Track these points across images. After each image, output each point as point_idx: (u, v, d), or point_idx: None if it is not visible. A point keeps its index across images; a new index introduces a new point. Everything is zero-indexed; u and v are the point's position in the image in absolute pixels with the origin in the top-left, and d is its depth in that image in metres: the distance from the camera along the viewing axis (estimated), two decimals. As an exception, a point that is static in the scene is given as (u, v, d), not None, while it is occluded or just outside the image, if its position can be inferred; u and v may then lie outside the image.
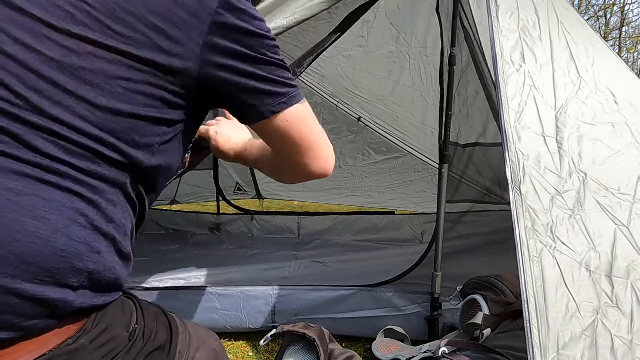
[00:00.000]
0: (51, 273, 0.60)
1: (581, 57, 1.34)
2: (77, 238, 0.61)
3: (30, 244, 0.58)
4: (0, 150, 0.56)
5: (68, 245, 0.60)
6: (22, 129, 0.57)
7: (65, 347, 0.63)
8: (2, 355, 0.59)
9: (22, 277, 0.58)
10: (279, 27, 1.57)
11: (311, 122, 0.82)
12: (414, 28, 2.46)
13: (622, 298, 0.90)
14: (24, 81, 0.57)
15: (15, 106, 0.57)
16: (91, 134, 0.60)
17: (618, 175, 1.08)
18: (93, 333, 0.66)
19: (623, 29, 11.07)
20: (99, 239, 0.64)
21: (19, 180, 0.58)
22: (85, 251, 0.62)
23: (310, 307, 1.92)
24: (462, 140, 2.12)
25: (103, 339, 0.68)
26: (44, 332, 0.62)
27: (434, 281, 1.80)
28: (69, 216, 0.61)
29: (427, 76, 2.61)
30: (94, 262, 0.64)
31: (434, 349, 1.53)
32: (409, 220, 3.18)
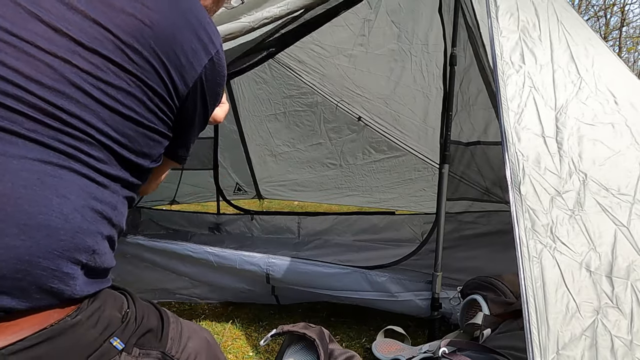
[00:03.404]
0: (67, 247, 0.68)
1: (581, 57, 1.34)
2: (90, 218, 0.71)
3: (55, 219, 0.67)
4: (35, 139, 0.67)
5: (83, 223, 0.70)
6: (54, 123, 0.68)
7: (64, 322, 0.70)
8: (7, 326, 0.66)
9: (44, 248, 0.66)
10: (271, 15, 1.58)
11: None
12: (416, 26, 2.46)
13: (622, 298, 0.90)
14: (58, 87, 0.69)
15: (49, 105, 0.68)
16: (109, 135, 0.72)
17: (618, 175, 1.08)
18: (89, 310, 0.74)
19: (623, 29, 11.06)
20: (104, 223, 0.74)
21: (47, 165, 0.68)
22: (94, 231, 0.72)
23: (305, 279, 1.95)
24: (464, 139, 2.12)
25: (97, 316, 0.76)
26: (48, 308, 0.69)
27: (434, 281, 1.81)
28: (84, 198, 0.71)
29: (428, 74, 2.61)
30: (98, 242, 0.73)
31: (434, 349, 1.53)
32: (409, 220, 3.19)
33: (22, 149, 0.67)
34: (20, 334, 0.66)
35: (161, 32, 0.74)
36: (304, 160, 3.53)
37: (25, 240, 0.65)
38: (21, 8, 0.68)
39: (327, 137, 3.37)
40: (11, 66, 0.66)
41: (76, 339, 0.73)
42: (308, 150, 3.46)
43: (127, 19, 0.71)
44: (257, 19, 1.56)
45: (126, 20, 0.71)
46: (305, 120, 3.37)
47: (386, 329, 1.82)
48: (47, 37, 0.68)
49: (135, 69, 0.72)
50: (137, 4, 0.72)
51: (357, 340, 1.89)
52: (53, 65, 0.68)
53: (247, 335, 1.92)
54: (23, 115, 0.67)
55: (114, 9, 0.71)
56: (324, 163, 3.48)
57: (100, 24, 0.70)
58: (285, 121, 3.44)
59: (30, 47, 0.68)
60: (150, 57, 0.73)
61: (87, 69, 0.70)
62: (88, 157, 0.71)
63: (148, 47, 0.73)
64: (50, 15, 0.69)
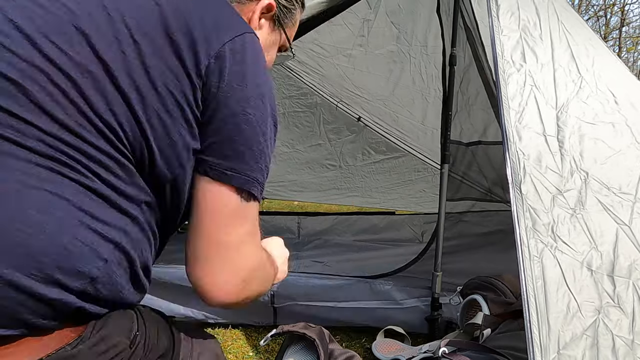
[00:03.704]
0: (51, 271, 0.59)
1: (581, 56, 1.34)
2: (83, 239, 0.61)
3: (34, 237, 0.58)
4: (19, 142, 0.59)
5: (72, 244, 0.60)
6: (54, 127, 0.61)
7: (62, 352, 0.62)
8: (2, 355, 0.59)
9: (22, 270, 0.57)
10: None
11: (228, 219, 0.73)
12: (415, 27, 2.46)
13: (623, 297, 0.90)
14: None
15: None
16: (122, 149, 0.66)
17: (619, 174, 1.08)
18: (92, 340, 0.65)
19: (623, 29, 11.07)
20: (109, 248, 0.64)
21: (32, 174, 0.59)
22: (89, 255, 0.62)
23: (308, 293, 1.93)
24: (464, 139, 2.12)
25: (104, 346, 0.67)
26: (43, 334, 0.61)
27: (434, 281, 1.80)
28: (77, 217, 0.61)
29: (427, 75, 2.61)
30: (99, 268, 0.63)
31: (434, 349, 1.53)
32: (409, 220, 3.18)
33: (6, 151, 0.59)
34: None
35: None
36: (303, 161, 3.52)
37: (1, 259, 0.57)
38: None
39: (327, 138, 3.36)
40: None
41: None
42: (307, 151, 3.45)
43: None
44: None
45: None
46: (305, 121, 3.36)
47: (386, 329, 1.82)
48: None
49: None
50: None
51: (357, 340, 1.88)
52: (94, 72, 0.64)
53: (247, 335, 1.92)
54: (12, 116, 0.59)
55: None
56: (323, 164, 3.47)
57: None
58: (285, 122, 3.43)
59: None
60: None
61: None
62: (88, 165, 0.62)
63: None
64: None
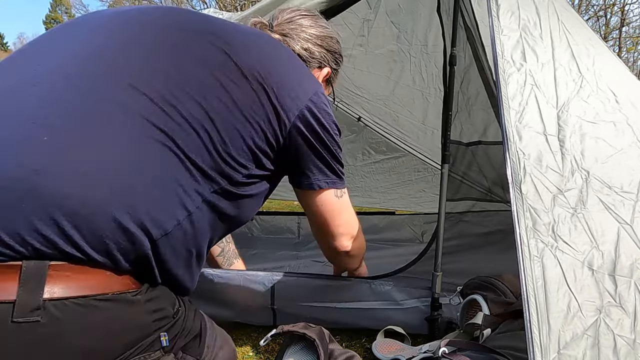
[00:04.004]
0: (141, 213, 0.76)
1: (582, 56, 1.34)
2: (170, 198, 0.81)
3: (140, 184, 0.76)
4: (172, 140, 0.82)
5: (162, 197, 0.79)
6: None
7: (124, 296, 0.75)
8: (76, 274, 0.70)
9: (123, 206, 0.74)
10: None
11: (339, 210, 1.25)
12: (415, 26, 2.46)
13: (625, 297, 0.90)
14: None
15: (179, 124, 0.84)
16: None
17: (621, 173, 1.07)
18: (147, 295, 0.79)
19: (623, 29, 11.08)
20: (184, 214, 0.83)
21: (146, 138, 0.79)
22: (169, 211, 0.80)
23: (308, 294, 1.92)
24: (464, 139, 2.12)
25: (154, 306, 0.80)
26: (115, 273, 0.75)
27: (434, 281, 1.80)
28: (171, 178, 0.81)
29: (427, 75, 2.61)
30: (172, 225, 0.80)
31: (434, 349, 1.53)
32: (409, 220, 3.18)
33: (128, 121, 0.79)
34: (83, 290, 0.70)
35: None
36: (303, 161, 3.52)
37: (108, 192, 0.73)
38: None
39: (327, 138, 3.36)
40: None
41: (132, 317, 0.76)
42: (307, 151, 3.46)
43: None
44: None
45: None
46: (305, 120, 3.36)
47: (386, 329, 1.82)
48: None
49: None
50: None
51: (357, 340, 1.88)
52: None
53: (247, 335, 1.92)
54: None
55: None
56: (323, 164, 3.47)
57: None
58: (285, 122, 3.43)
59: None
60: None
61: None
62: (183, 144, 0.82)
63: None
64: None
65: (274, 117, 0.95)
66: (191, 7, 19.01)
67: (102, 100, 0.79)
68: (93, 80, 0.81)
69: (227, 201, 0.91)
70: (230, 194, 0.92)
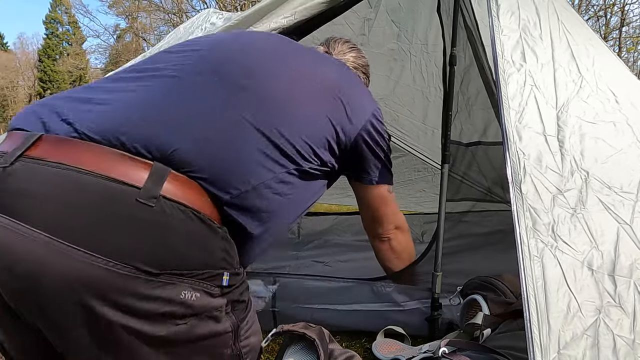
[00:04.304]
0: (237, 166, 0.99)
1: (582, 56, 1.34)
2: (255, 164, 1.03)
3: (240, 146, 1.01)
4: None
5: (248, 161, 1.02)
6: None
7: (212, 223, 0.92)
8: (189, 187, 0.92)
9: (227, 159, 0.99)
10: (278, 27, 1.57)
11: (390, 202, 1.56)
12: (415, 25, 2.45)
13: (624, 297, 0.90)
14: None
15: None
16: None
17: (620, 173, 1.08)
18: (225, 236, 0.95)
19: (623, 29, 11.08)
20: (260, 179, 1.03)
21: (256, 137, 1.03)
22: (246, 173, 1.01)
23: (309, 296, 1.92)
24: (464, 139, 2.11)
25: (227, 246, 0.95)
26: (213, 203, 0.96)
27: (434, 281, 1.80)
28: (259, 154, 1.03)
29: (428, 74, 2.61)
30: (246, 189, 1.01)
31: (434, 349, 1.53)
32: (409, 220, 3.15)
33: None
34: (187, 201, 0.89)
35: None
36: (303, 161, 3.52)
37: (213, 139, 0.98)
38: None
39: (327, 138, 3.36)
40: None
41: (211, 243, 0.92)
42: (308, 151, 3.46)
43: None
44: (264, 31, 1.56)
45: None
46: (305, 120, 3.36)
47: (386, 328, 1.82)
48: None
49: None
50: None
51: (357, 340, 1.88)
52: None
53: (246, 336, 1.92)
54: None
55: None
56: (323, 164, 3.47)
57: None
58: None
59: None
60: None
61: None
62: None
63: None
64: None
65: (347, 126, 1.21)
66: (191, 7, 18.98)
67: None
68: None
69: (299, 180, 1.11)
70: (304, 175, 1.12)
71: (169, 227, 0.85)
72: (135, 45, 27.72)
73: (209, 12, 2.20)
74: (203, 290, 0.88)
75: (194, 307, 0.87)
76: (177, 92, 1.02)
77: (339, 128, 1.19)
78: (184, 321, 0.87)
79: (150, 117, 0.95)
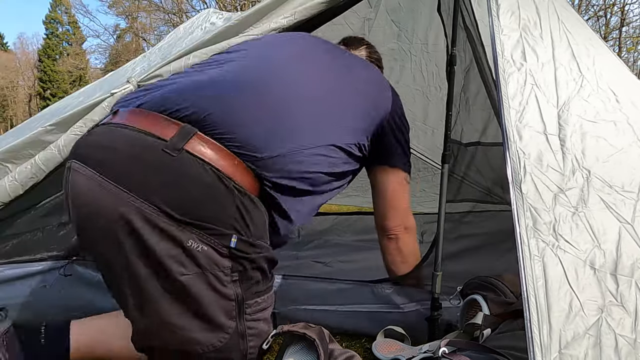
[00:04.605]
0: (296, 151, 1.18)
1: (582, 56, 1.34)
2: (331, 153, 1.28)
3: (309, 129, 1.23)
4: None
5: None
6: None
7: (230, 181, 1.04)
8: (211, 146, 1.06)
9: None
10: (278, 27, 1.57)
11: (406, 190, 1.73)
12: (415, 25, 2.45)
13: (626, 296, 0.90)
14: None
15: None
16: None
17: (622, 172, 1.07)
18: (242, 200, 1.06)
19: (623, 29, 11.08)
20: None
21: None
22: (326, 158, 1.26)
23: (309, 297, 1.92)
24: (464, 140, 2.11)
25: (243, 211, 1.05)
26: (238, 168, 1.08)
27: (434, 281, 1.80)
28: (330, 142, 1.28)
29: (428, 74, 2.61)
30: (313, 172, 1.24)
31: (434, 348, 1.52)
32: (409, 220, 3.16)
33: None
34: (205, 157, 1.03)
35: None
36: (303, 161, 3.51)
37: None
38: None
39: (327, 137, 3.35)
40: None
41: (224, 199, 1.02)
42: (308, 150, 3.45)
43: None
44: (264, 31, 1.56)
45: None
46: (305, 120, 3.35)
47: (386, 329, 1.81)
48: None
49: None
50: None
51: (357, 340, 1.88)
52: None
53: (246, 336, 1.91)
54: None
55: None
56: (323, 164, 3.46)
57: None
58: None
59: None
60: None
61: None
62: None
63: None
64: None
65: (378, 117, 1.45)
66: (191, 7, 18.98)
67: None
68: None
69: (337, 158, 1.30)
70: (343, 153, 1.31)
71: (186, 175, 1.00)
72: (135, 45, 27.73)
73: (209, 12, 2.20)
74: (210, 245, 0.99)
75: (198, 259, 0.98)
76: (230, 78, 1.22)
77: (379, 118, 1.45)
78: (189, 272, 0.98)
79: (195, 92, 1.15)
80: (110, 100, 1.50)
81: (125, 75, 1.70)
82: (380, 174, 1.63)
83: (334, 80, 1.36)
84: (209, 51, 1.53)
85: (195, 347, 1.03)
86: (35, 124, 1.73)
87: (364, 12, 2.47)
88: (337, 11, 1.73)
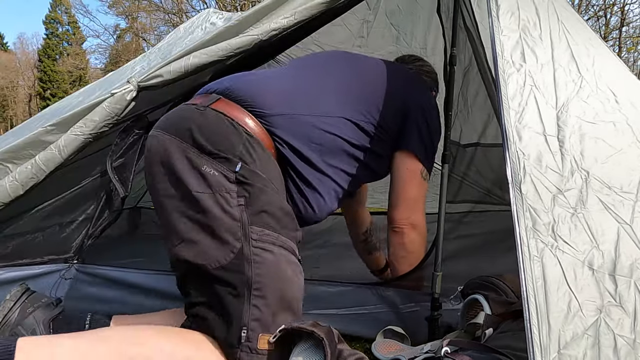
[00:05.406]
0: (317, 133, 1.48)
1: (582, 56, 1.34)
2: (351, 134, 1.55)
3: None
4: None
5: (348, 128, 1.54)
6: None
7: (242, 128, 1.37)
8: (233, 108, 1.41)
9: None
10: (279, 27, 1.57)
11: (420, 184, 1.77)
12: (414, 28, 2.45)
13: (625, 297, 0.90)
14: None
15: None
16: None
17: (620, 173, 1.08)
18: (251, 147, 1.35)
19: (623, 29, 11.08)
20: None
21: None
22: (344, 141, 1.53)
23: (310, 301, 1.91)
24: (463, 140, 2.11)
25: (249, 148, 1.34)
26: (257, 127, 1.41)
27: (434, 281, 1.80)
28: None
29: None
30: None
31: (435, 348, 1.53)
32: (410, 219, 3.16)
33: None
34: (225, 110, 1.39)
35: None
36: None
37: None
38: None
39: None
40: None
41: (234, 137, 1.33)
42: (308, 151, 3.45)
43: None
44: (265, 31, 1.56)
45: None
46: (305, 121, 3.35)
47: (386, 329, 1.82)
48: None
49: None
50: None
51: (357, 341, 1.88)
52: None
53: (247, 336, 1.91)
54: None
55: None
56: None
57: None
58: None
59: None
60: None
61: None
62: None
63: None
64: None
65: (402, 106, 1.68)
66: (191, 7, 18.97)
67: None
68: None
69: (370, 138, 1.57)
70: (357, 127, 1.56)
71: (209, 121, 1.35)
72: (135, 45, 27.72)
73: (209, 12, 2.20)
74: (220, 171, 1.26)
75: (210, 181, 1.25)
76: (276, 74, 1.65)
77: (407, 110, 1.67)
78: (202, 190, 1.24)
79: (233, 78, 1.51)
80: (111, 100, 1.51)
81: (125, 75, 1.70)
82: (396, 159, 1.71)
83: (354, 70, 1.64)
84: (209, 51, 1.53)
85: (207, 262, 1.21)
86: (35, 124, 1.74)
87: (363, 14, 2.47)
88: (338, 12, 1.73)
